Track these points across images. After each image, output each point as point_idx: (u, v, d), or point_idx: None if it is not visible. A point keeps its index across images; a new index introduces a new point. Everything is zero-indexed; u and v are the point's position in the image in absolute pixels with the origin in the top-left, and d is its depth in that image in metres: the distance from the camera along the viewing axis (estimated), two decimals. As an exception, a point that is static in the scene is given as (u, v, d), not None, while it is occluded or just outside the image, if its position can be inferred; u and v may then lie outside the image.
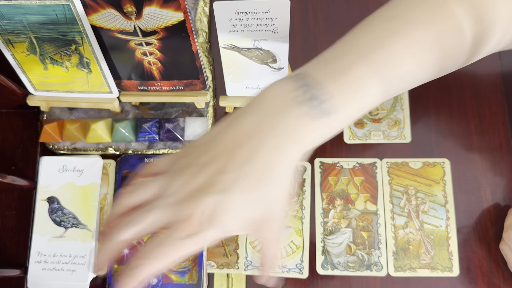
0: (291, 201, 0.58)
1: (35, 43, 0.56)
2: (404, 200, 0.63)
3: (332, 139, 0.66)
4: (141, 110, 0.67)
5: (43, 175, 0.64)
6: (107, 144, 0.66)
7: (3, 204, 0.65)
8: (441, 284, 0.60)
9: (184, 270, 0.61)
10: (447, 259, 0.61)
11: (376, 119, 0.67)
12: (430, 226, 0.62)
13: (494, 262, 0.61)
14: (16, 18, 0.53)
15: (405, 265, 0.61)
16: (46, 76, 0.61)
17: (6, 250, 0.64)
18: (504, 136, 0.65)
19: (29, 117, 0.69)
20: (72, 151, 0.66)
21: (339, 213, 0.63)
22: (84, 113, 0.67)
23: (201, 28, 0.70)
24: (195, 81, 0.61)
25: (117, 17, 0.52)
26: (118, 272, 0.61)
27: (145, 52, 0.57)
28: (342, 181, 0.64)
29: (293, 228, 0.63)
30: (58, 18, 0.52)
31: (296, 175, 0.43)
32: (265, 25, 0.53)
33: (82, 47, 0.56)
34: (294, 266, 0.62)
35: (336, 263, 0.62)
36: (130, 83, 0.62)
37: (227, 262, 0.62)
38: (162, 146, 0.66)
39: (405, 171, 0.64)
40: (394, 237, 0.62)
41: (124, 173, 0.65)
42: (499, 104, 0.66)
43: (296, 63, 0.69)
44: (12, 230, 0.65)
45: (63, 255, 0.61)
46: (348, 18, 0.71)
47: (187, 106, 0.67)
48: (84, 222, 0.62)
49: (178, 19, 0.52)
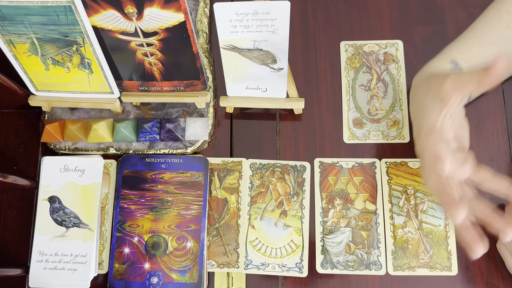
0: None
1: (37, 44, 0.57)
2: (403, 200, 0.63)
3: (331, 139, 0.67)
4: (142, 111, 0.68)
5: (45, 175, 0.64)
6: (108, 144, 0.66)
7: (5, 204, 0.66)
8: (439, 283, 0.61)
9: (185, 269, 0.61)
10: (445, 258, 0.61)
11: (375, 119, 0.67)
12: (429, 225, 0.62)
13: (493, 261, 0.61)
14: (17, 18, 0.53)
15: (404, 264, 0.61)
16: (48, 76, 0.61)
17: (7, 249, 0.64)
18: (502, 136, 0.65)
19: (31, 117, 0.69)
20: (73, 151, 0.67)
21: (338, 212, 0.64)
22: (85, 113, 0.68)
23: (201, 29, 0.70)
24: (195, 82, 0.62)
25: (118, 18, 0.52)
26: (119, 271, 0.62)
27: (146, 53, 0.58)
28: (341, 180, 0.65)
29: (292, 228, 0.63)
30: (60, 19, 0.53)
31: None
32: (265, 26, 0.53)
33: (83, 47, 0.56)
34: (293, 265, 0.62)
35: (335, 262, 0.62)
36: (131, 83, 0.63)
37: (227, 261, 0.63)
38: (163, 146, 0.66)
39: (404, 171, 0.65)
40: (393, 236, 0.62)
41: (125, 173, 0.65)
42: (497, 104, 0.67)
43: (296, 63, 0.70)
44: (13, 229, 0.65)
45: (64, 254, 0.61)
46: (347, 19, 0.71)
47: (187, 106, 0.67)
48: (85, 221, 0.62)
49: (178, 20, 0.52)
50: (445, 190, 0.51)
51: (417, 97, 0.58)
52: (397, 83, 0.68)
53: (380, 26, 0.71)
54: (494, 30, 0.59)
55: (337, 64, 0.70)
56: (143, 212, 0.63)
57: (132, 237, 0.63)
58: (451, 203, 0.50)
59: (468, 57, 0.59)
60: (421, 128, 0.56)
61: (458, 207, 0.49)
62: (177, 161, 0.65)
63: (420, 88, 0.58)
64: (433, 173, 0.53)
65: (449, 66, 0.58)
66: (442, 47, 0.62)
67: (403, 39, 0.70)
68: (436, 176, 0.53)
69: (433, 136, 0.54)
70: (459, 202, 0.50)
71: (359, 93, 0.68)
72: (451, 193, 0.51)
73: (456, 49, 0.60)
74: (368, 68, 0.69)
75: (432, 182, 0.53)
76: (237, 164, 0.66)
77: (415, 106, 0.59)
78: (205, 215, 0.63)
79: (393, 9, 0.71)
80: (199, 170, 0.64)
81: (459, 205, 0.49)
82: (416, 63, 0.69)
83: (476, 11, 0.70)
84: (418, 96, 0.58)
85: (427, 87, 0.56)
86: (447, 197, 0.51)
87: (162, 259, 0.62)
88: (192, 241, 0.62)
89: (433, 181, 0.53)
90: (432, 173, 0.53)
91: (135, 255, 0.62)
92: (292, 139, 0.67)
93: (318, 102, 0.68)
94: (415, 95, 0.60)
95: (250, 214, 0.64)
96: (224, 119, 0.68)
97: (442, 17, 0.71)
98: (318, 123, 0.67)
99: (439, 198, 0.52)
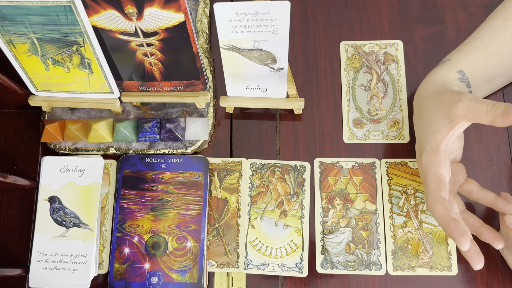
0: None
1: (37, 44, 0.57)
2: (403, 200, 0.63)
3: (331, 139, 0.67)
4: (142, 111, 0.68)
5: (45, 175, 0.64)
6: (108, 144, 0.66)
7: (5, 204, 0.66)
8: (439, 283, 0.61)
9: (185, 269, 0.61)
10: (445, 258, 0.61)
11: (375, 120, 0.67)
12: (429, 225, 0.62)
13: (493, 261, 0.61)
14: (17, 19, 0.53)
15: (404, 264, 0.61)
16: (48, 76, 0.61)
17: (7, 249, 0.64)
18: (502, 136, 0.65)
19: (31, 117, 0.69)
20: (73, 151, 0.67)
21: (338, 212, 0.64)
22: (85, 113, 0.68)
23: (201, 29, 0.70)
24: (195, 82, 0.62)
25: (118, 18, 0.52)
26: (119, 271, 0.62)
27: (146, 53, 0.58)
28: (341, 180, 0.65)
29: (292, 228, 0.63)
30: (60, 19, 0.53)
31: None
32: (265, 26, 0.53)
33: (83, 48, 0.56)
34: (293, 265, 0.62)
35: (335, 262, 0.62)
36: (131, 83, 0.63)
37: (227, 261, 0.63)
38: (163, 146, 0.66)
39: (404, 171, 0.65)
40: (393, 236, 0.62)
41: (125, 173, 0.65)
42: (497, 105, 0.67)
43: (296, 64, 0.70)
44: (13, 229, 0.65)
45: (64, 254, 0.62)
46: (347, 19, 0.71)
47: (187, 106, 0.67)
48: (85, 221, 0.62)
49: (178, 20, 0.52)
50: (452, 220, 0.51)
51: (424, 110, 0.57)
52: (397, 83, 0.68)
53: (380, 26, 0.71)
54: (500, 39, 0.59)
55: (337, 64, 0.70)
56: (143, 212, 0.63)
57: (132, 237, 0.63)
58: (460, 233, 0.50)
59: (474, 67, 0.59)
60: (426, 144, 0.56)
61: (466, 236, 0.50)
62: (177, 161, 0.65)
63: (430, 102, 0.57)
64: (438, 198, 0.53)
65: (456, 76, 0.58)
66: (442, 47, 0.62)
67: (403, 39, 0.70)
68: (442, 202, 0.52)
69: (437, 157, 0.54)
70: (466, 231, 0.50)
71: (359, 93, 0.68)
72: (457, 223, 0.51)
73: (463, 58, 0.59)
74: (368, 68, 0.69)
75: (439, 209, 0.52)
76: (237, 164, 0.66)
77: (422, 119, 0.58)
78: (205, 215, 0.63)
79: (393, 9, 0.71)
80: (199, 170, 0.64)
81: (466, 234, 0.50)
82: (416, 63, 0.69)
83: (476, 12, 0.70)
84: (426, 109, 0.57)
85: (437, 103, 0.56)
86: (455, 227, 0.51)
87: (162, 259, 0.62)
88: (192, 241, 0.62)
89: (439, 208, 0.52)
90: (437, 197, 0.53)
91: (135, 255, 0.62)
92: (292, 139, 0.67)
93: (318, 102, 0.68)
94: (422, 106, 0.58)
95: (250, 214, 0.64)
96: (224, 119, 0.68)
97: (442, 17, 0.71)
98: (318, 123, 0.67)
99: (446, 228, 0.51)
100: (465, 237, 0.50)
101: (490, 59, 0.59)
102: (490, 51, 0.59)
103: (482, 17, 0.67)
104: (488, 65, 0.59)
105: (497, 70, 0.60)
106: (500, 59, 0.59)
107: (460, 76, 0.58)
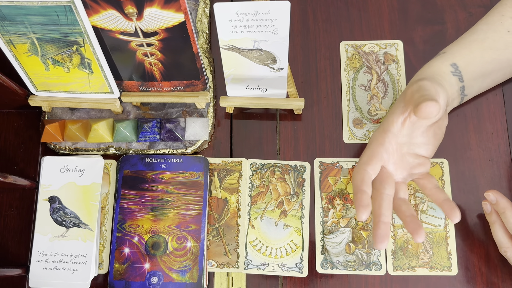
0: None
1: (37, 44, 0.57)
2: (403, 200, 0.63)
3: (331, 139, 0.67)
4: (142, 111, 0.68)
5: (45, 175, 0.64)
6: (108, 144, 0.66)
7: (5, 204, 0.66)
8: (439, 283, 0.61)
9: (185, 269, 0.61)
10: (445, 258, 0.61)
11: (375, 120, 0.67)
12: (429, 225, 0.62)
13: (493, 261, 0.61)
14: (17, 19, 0.53)
15: (404, 264, 0.61)
16: (48, 76, 0.61)
17: (7, 249, 0.64)
18: (502, 136, 0.65)
19: (31, 117, 0.69)
20: (73, 151, 0.67)
21: (338, 212, 0.64)
22: (85, 113, 0.68)
23: (201, 29, 0.70)
24: (195, 82, 0.62)
25: (118, 18, 0.52)
26: (119, 271, 0.62)
27: (146, 53, 0.58)
28: (341, 180, 0.65)
29: (292, 228, 0.63)
30: (60, 19, 0.53)
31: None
32: (265, 26, 0.53)
33: (83, 48, 0.56)
34: (293, 265, 0.62)
35: (335, 262, 0.62)
36: (131, 83, 0.63)
37: (227, 261, 0.63)
38: (163, 146, 0.66)
39: (404, 171, 0.64)
40: (393, 236, 0.62)
41: (125, 173, 0.65)
42: (497, 104, 0.67)
43: (296, 64, 0.70)
44: (13, 229, 0.65)
45: (64, 254, 0.62)
46: (347, 19, 0.71)
47: (187, 106, 0.67)
48: (85, 221, 0.63)
49: (178, 20, 0.52)
50: (362, 191, 0.53)
51: (401, 95, 0.59)
52: (397, 83, 0.68)
53: (380, 26, 0.71)
54: (496, 34, 0.60)
55: (337, 64, 0.70)
56: (143, 212, 0.63)
57: (132, 237, 0.63)
58: (362, 204, 0.53)
59: (468, 61, 0.59)
60: (381, 123, 0.58)
61: (366, 209, 0.52)
62: (177, 161, 0.65)
63: (409, 86, 0.58)
64: (362, 170, 0.55)
65: (449, 69, 0.58)
66: (442, 47, 0.62)
67: (403, 39, 0.70)
68: (363, 174, 0.55)
69: (383, 137, 0.56)
70: (368, 205, 0.53)
71: (359, 93, 0.68)
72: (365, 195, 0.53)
73: (458, 52, 0.60)
74: (368, 68, 0.69)
75: (356, 179, 0.55)
76: (237, 164, 0.66)
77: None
78: (205, 215, 0.63)
79: (393, 9, 0.71)
80: (199, 170, 0.65)
81: (367, 207, 0.52)
82: (416, 63, 0.69)
83: (476, 12, 0.70)
84: (401, 95, 0.59)
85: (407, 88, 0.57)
86: (361, 196, 0.53)
87: (162, 259, 0.62)
88: (192, 241, 0.62)
89: (357, 178, 0.55)
90: (362, 169, 0.55)
91: (135, 255, 0.62)
92: (292, 139, 0.67)
93: (318, 102, 0.68)
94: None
95: (250, 214, 0.64)
96: (224, 119, 0.68)
97: (442, 17, 0.71)
98: (318, 123, 0.67)
99: (355, 196, 0.54)
100: (364, 209, 0.52)
101: (485, 53, 0.59)
102: (485, 45, 0.59)
103: (482, 17, 0.67)
104: (483, 60, 0.59)
105: (492, 65, 0.60)
106: (495, 54, 0.60)
107: (453, 70, 0.59)
